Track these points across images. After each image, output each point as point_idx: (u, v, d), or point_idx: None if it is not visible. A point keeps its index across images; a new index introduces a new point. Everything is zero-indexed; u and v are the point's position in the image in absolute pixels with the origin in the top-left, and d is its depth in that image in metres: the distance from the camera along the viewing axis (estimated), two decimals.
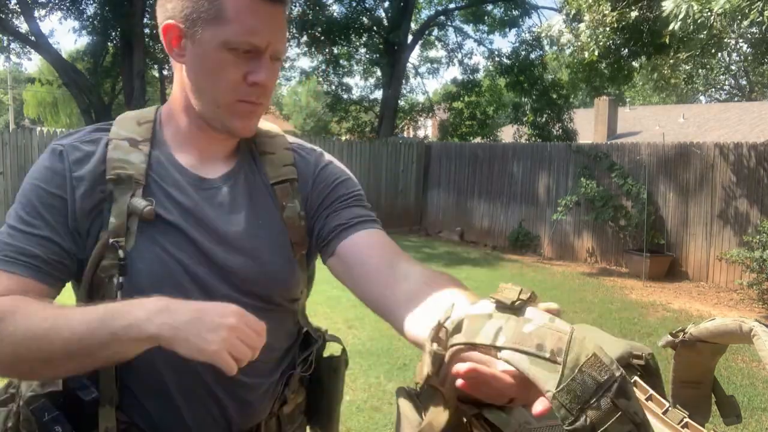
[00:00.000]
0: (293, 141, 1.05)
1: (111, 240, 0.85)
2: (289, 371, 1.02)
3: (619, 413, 0.47)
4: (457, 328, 0.59)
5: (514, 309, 0.55)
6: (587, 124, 22.69)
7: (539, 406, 0.52)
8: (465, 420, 0.68)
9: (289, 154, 1.01)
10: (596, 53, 7.35)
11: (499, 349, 0.53)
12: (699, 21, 4.83)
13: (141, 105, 13.05)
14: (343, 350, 1.13)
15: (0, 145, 8.53)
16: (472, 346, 0.57)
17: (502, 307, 0.57)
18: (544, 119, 14.89)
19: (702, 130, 20.20)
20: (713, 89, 32.91)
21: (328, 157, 1.05)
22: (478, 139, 16.64)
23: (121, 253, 0.85)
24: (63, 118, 29.78)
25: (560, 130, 14.69)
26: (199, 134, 0.94)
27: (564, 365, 0.48)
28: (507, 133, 18.68)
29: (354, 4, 15.86)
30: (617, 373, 0.48)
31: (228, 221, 0.92)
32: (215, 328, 0.72)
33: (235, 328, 0.73)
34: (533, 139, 14.64)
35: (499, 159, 10.77)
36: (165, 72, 16.08)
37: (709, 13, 4.69)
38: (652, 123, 22.81)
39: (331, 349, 1.15)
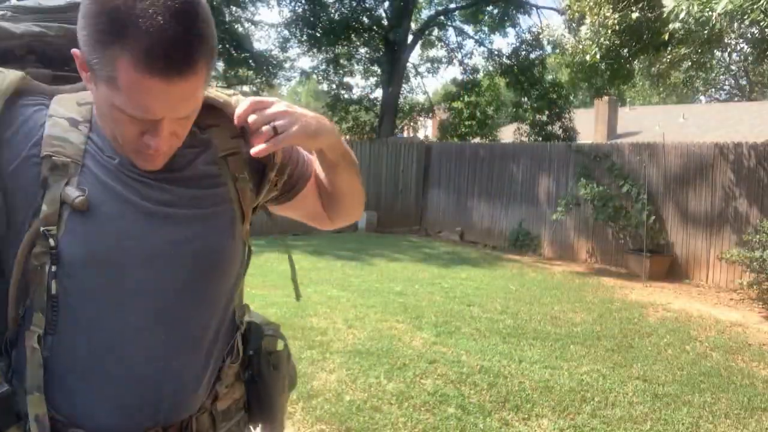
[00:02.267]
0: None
1: (42, 228, 0.83)
2: (220, 363, 1.01)
3: None
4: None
5: None
6: (587, 124, 22.65)
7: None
8: None
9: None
10: (598, 56, 7.34)
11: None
12: (700, 20, 4.82)
13: None
14: (285, 346, 1.16)
15: None
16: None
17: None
18: (544, 119, 14.89)
19: (702, 130, 20.18)
20: (713, 89, 32.92)
21: None
22: (477, 139, 16.63)
23: (51, 241, 0.83)
24: None
25: (560, 130, 14.68)
26: None
27: None
28: (507, 133, 18.68)
29: (354, 4, 15.85)
30: None
31: (167, 202, 0.91)
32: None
33: None
34: (533, 138, 14.65)
35: (499, 159, 10.76)
36: None
37: (710, 13, 4.68)
38: (652, 123, 22.78)
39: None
